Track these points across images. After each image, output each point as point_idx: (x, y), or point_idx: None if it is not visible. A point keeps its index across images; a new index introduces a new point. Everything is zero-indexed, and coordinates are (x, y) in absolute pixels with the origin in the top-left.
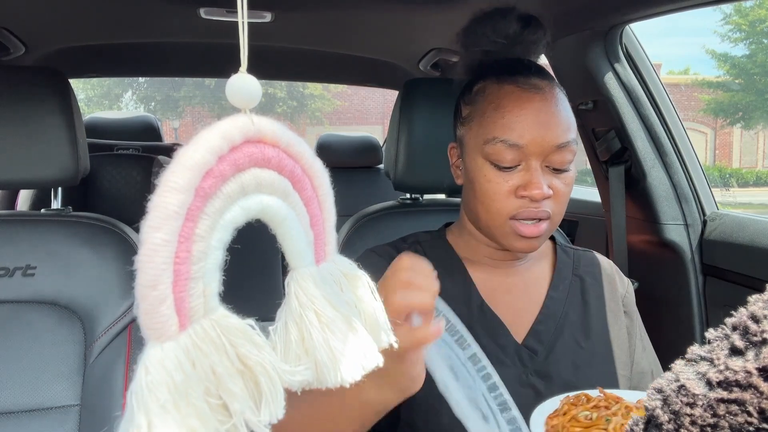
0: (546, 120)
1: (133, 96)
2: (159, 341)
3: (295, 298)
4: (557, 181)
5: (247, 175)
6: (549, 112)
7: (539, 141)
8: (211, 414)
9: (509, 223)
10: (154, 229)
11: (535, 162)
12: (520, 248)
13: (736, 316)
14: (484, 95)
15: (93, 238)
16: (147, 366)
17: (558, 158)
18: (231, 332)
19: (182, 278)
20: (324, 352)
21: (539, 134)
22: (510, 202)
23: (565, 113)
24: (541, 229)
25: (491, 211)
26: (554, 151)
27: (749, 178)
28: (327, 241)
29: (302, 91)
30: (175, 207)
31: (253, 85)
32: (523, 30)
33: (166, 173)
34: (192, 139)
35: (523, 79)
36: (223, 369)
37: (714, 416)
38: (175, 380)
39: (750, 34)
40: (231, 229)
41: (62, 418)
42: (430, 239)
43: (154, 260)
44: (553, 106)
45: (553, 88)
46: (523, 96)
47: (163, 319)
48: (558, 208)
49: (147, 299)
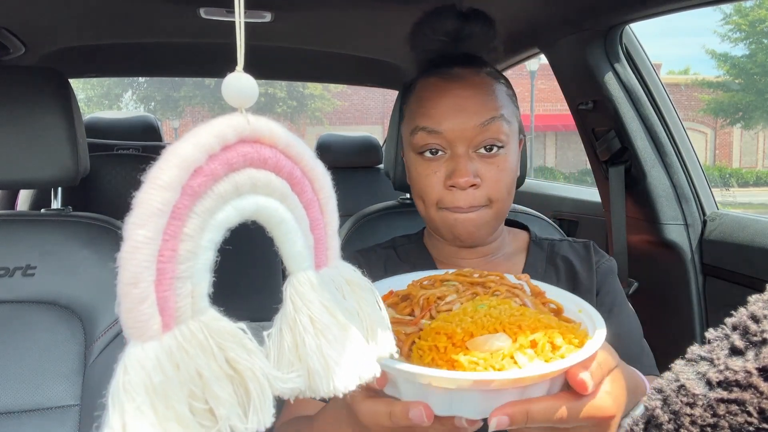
0: (462, 104)
1: (133, 96)
2: (140, 340)
3: (290, 303)
4: (487, 167)
5: (242, 175)
6: (466, 96)
7: (458, 125)
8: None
9: (444, 213)
10: (136, 226)
11: (460, 148)
12: (460, 236)
13: (736, 316)
14: (413, 91)
15: (93, 238)
16: (126, 365)
17: (482, 138)
18: (220, 335)
19: (167, 277)
20: (317, 360)
21: (456, 119)
22: (441, 193)
23: (487, 96)
24: (480, 215)
25: (426, 203)
26: (478, 132)
27: (749, 178)
28: (329, 245)
29: (302, 91)
30: (159, 204)
31: (249, 84)
32: (463, 26)
33: (152, 170)
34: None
35: (446, 70)
36: (209, 373)
37: (714, 416)
38: (153, 381)
39: (750, 34)
40: (223, 229)
41: (62, 418)
42: (406, 243)
43: (135, 257)
44: (472, 89)
45: (477, 74)
46: (441, 85)
47: (144, 317)
48: (497, 193)
49: (128, 297)
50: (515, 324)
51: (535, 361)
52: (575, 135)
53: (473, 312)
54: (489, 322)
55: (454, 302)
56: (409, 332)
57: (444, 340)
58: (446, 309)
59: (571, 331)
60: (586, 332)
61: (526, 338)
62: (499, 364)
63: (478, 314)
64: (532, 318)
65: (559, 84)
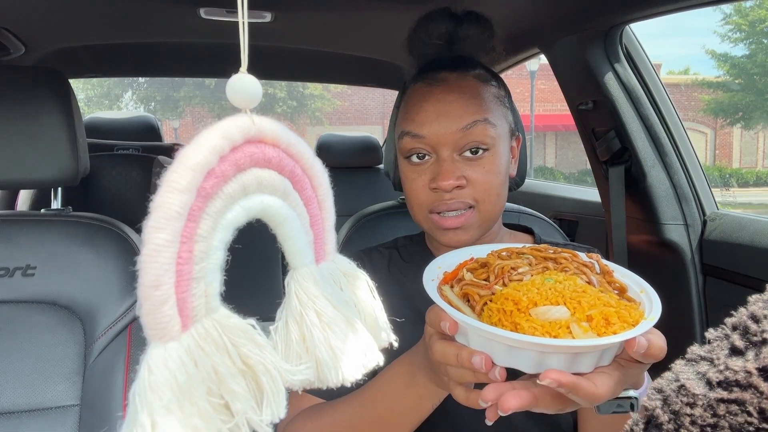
0: (444, 108)
1: (133, 96)
2: (162, 341)
3: (295, 298)
4: (472, 170)
5: (248, 175)
6: (448, 101)
7: (440, 129)
8: (214, 414)
9: (430, 217)
10: (156, 229)
11: (445, 152)
12: (446, 241)
13: (736, 316)
14: (403, 98)
15: (93, 238)
16: (150, 366)
17: (466, 141)
18: (232, 332)
19: (185, 278)
20: (325, 351)
21: (438, 123)
22: (427, 196)
23: (470, 99)
24: (466, 218)
25: (414, 207)
26: (461, 136)
27: (749, 178)
28: (327, 240)
29: (302, 91)
30: (178, 207)
31: (253, 85)
32: (457, 27)
33: (168, 174)
34: (193, 139)
35: (432, 74)
36: (225, 369)
37: (714, 416)
38: (178, 380)
39: (750, 34)
40: (232, 229)
41: (62, 418)
42: (409, 243)
43: (157, 260)
44: (455, 93)
45: (463, 78)
46: (425, 90)
47: (166, 319)
48: (483, 195)
49: (150, 299)
50: (576, 299)
51: (588, 333)
52: (575, 135)
53: (540, 284)
54: (553, 294)
55: (525, 273)
56: (483, 294)
57: (511, 305)
58: (517, 279)
59: (628, 310)
60: (642, 313)
61: (584, 313)
62: (554, 332)
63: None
64: (593, 295)
65: (559, 84)
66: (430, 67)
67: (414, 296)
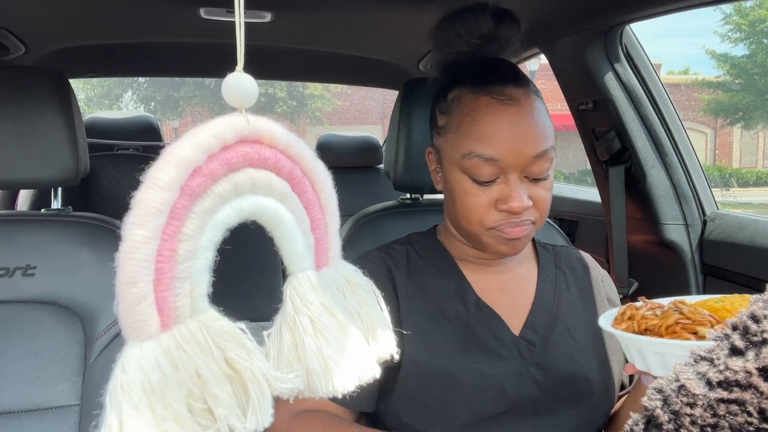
0: (521, 132)
1: (133, 96)
2: (138, 340)
3: (290, 303)
4: (536, 189)
5: (241, 175)
6: (524, 124)
7: (516, 154)
8: (192, 418)
9: (491, 231)
10: (135, 226)
11: (513, 175)
12: (504, 252)
13: (736, 316)
14: (459, 106)
15: (93, 238)
16: (123, 365)
17: (536, 168)
18: (219, 335)
19: (165, 277)
20: (316, 360)
21: (515, 147)
22: (490, 215)
23: (541, 122)
24: (525, 230)
25: (472, 222)
26: (532, 162)
27: (749, 178)
28: (330, 245)
29: (302, 91)
30: (158, 204)
31: (248, 84)
32: (497, 27)
33: (151, 170)
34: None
35: (498, 89)
36: (208, 372)
37: (714, 416)
38: (151, 380)
39: (750, 34)
40: (222, 229)
41: (62, 418)
42: (422, 239)
43: (134, 257)
44: (529, 116)
45: (529, 96)
46: (498, 108)
47: (143, 317)
48: (540, 213)
49: (126, 297)
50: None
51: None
52: (575, 135)
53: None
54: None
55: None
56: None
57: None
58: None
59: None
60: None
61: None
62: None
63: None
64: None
65: (559, 84)
66: (485, 76)
67: (433, 294)
